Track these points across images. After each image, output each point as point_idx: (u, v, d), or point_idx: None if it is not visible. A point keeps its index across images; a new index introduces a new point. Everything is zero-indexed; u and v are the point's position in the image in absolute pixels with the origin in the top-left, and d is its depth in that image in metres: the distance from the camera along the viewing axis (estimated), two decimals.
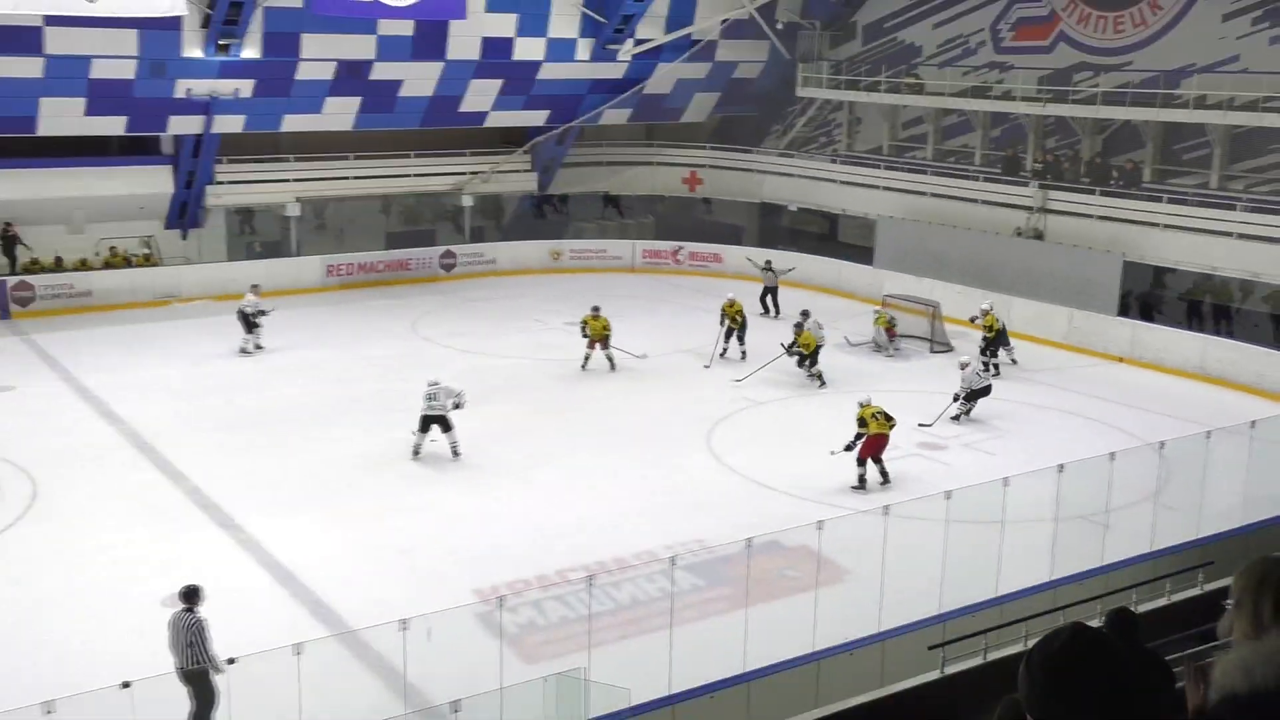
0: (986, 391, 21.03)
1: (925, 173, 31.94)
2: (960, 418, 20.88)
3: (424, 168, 33.97)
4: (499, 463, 18.71)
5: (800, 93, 34.99)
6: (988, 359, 23.05)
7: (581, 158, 36.41)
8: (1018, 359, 24.47)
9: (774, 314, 28.17)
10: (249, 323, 24.84)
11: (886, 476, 17.77)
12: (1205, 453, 16.09)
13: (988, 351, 23.47)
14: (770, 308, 28.60)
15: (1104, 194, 27.64)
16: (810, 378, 22.94)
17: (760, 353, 23.77)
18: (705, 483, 17.98)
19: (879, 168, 33.07)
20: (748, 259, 31.18)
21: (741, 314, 24.52)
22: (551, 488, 17.69)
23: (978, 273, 28.03)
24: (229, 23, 27.18)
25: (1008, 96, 30.17)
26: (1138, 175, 27.71)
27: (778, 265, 29.76)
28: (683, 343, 25.17)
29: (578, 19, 31.81)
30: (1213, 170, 26.72)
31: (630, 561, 14.79)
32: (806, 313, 24.26)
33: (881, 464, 17.80)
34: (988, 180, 30.30)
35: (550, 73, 32.25)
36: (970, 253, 28.69)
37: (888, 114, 33.97)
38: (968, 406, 20.91)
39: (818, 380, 22.86)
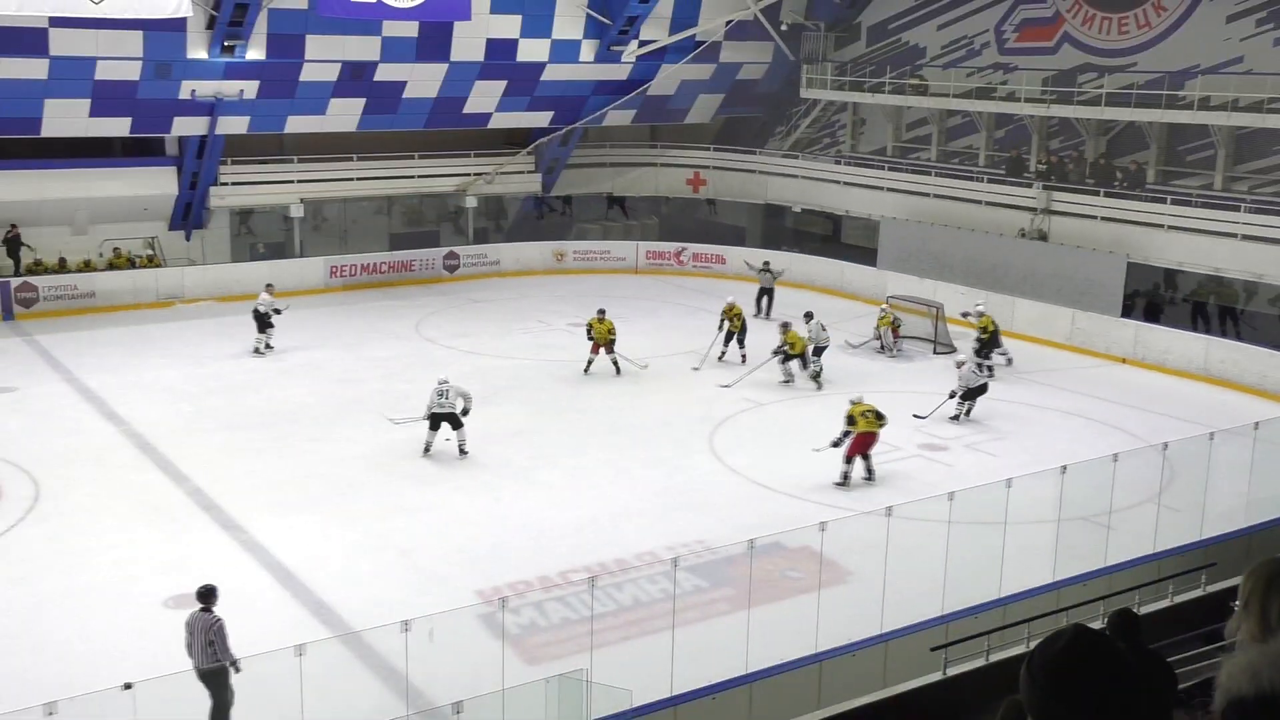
0: (983, 390, 21.06)
1: (929, 174, 31.90)
2: (960, 417, 20.89)
3: (428, 169, 33.97)
4: (502, 463, 18.71)
5: (804, 94, 34.96)
6: (981, 360, 23.02)
7: (585, 159, 36.40)
8: (1012, 359, 24.47)
9: (765, 315, 28.09)
10: (263, 322, 24.89)
11: (871, 474, 17.89)
12: (1208, 454, 16.08)
13: (982, 353, 23.45)
14: (763, 309, 28.57)
15: (1108, 195, 27.59)
16: (811, 378, 22.91)
17: (757, 356, 23.74)
18: (707, 484, 17.97)
19: (883, 169, 33.03)
20: (746, 262, 31.13)
21: (741, 317, 24.51)
22: (554, 488, 17.69)
23: (981, 274, 28.02)
24: (234, 24, 27.20)
25: (1012, 98, 30.12)
26: (1142, 176, 27.66)
27: (775, 266, 29.76)
28: (686, 344, 25.15)
29: (582, 20, 31.82)
30: (1217, 171, 26.68)
31: (632, 562, 14.78)
32: (810, 314, 24.26)
33: (869, 461, 17.90)
34: (992, 181, 30.25)
35: (554, 74, 32.26)
36: (974, 254, 28.66)
37: (892, 115, 33.95)
38: (966, 405, 20.94)
39: (814, 381, 22.85)
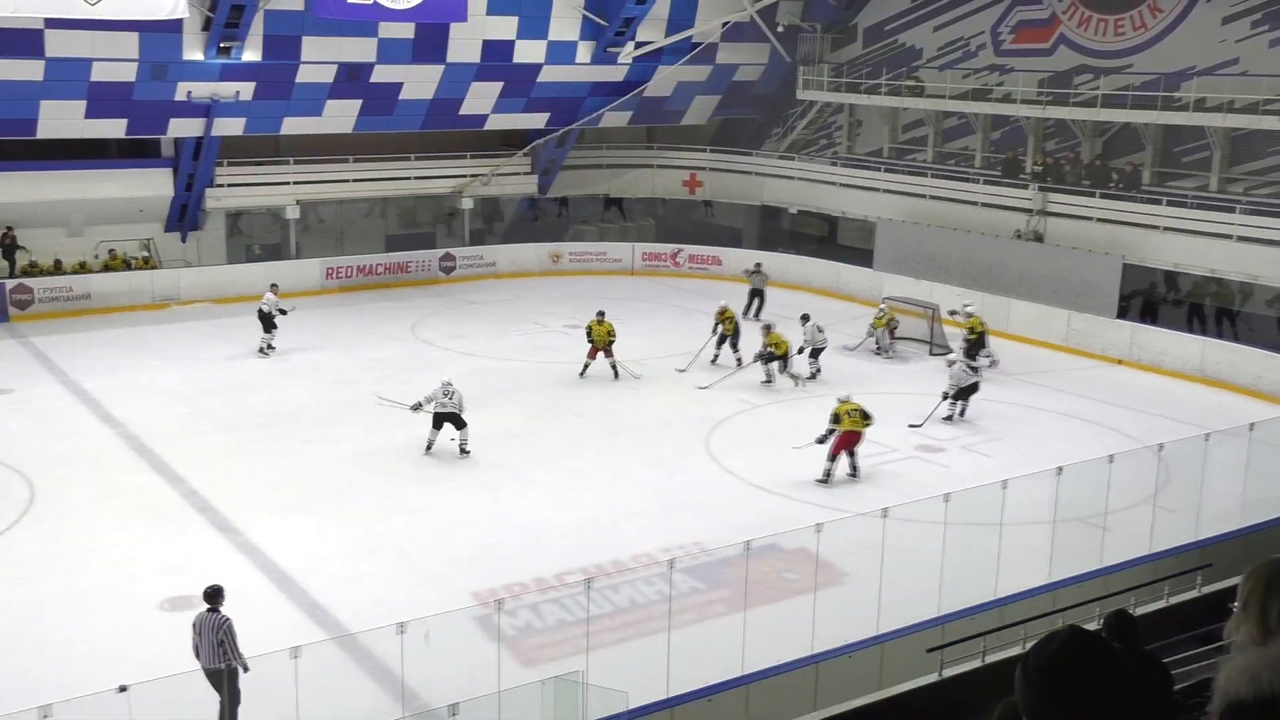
0: (975, 389, 21.12)
1: (925, 175, 31.92)
2: (953, 418, 20.93)
3: (424, 170, 33.94)
4: (498, 465, 18.70)
5: (801, 95, 34.99)
6: (968, 361, 22.99)
7: (582, 160, 36.40)
8: (997, 361, 24.36)
9: (755, 316, 28.03)
10: (268, 322, 24.88)
11: (856, 470, 18.07)
12: (1204, 455, 16.10)
13: (969, 354, 23.45)
14: (753, 310, 28.54)
15: (1104, 196, 27.62)
16: (790, 378, 22.89)
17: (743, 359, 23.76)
18: (704, 485, 17.97)
19: (879, 170, 33.06)
20: (745, 271, 30.79)
21: (734, 320, 24.53)
22: (550, 490, 17.67)
23: (977, 275, 28.03)
24: (230, 25, 27.19)
25: (1008, 99, 30.15)
26: (1138, 178, 27.70)
27: (767, 268, 29.71)
28: (682, 345, 25.11)
29: (578, 22, 31.82)
30: (1212, 173, 26.71)
31: (628, 564, 14.78)
32: (806, 316, 24.26)
33: (854, 458, 18.06)
34: (988, 183, 30.28)
35: (551, 75, 32.26)
36: (970, 255, 28.68)
37: (888, 116, 33.97)
38: (959, 405, 21.00)
39: (792, 380, 22.83)
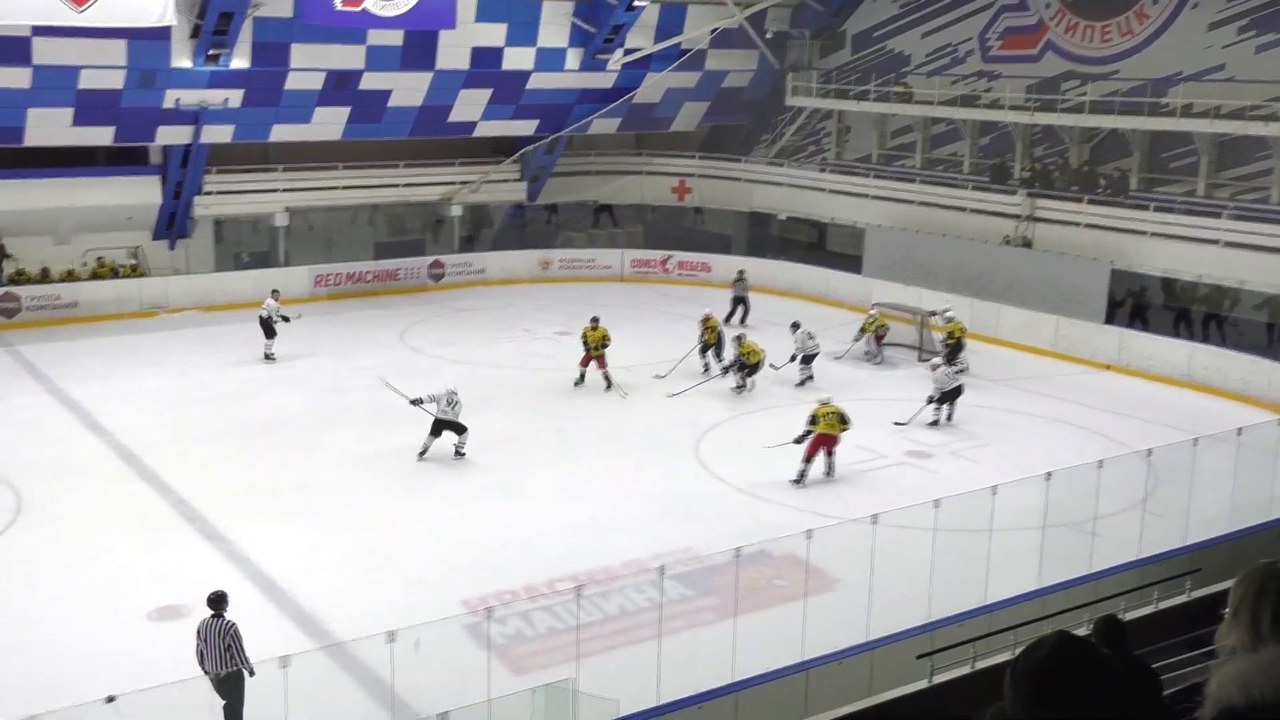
0: (959, 392, 21.23)
1: (914, 181, 31.98)
2: (939, 422, 21.02)
3: (413, 177, 33.89)
4: (487, 472, 18.67)
5: (789, 102, 35.05)
6: (950, 366, 23.05)
7: (571, 167, 36.38)
8: (967, 369, 24.22)
9: (740, 322, 28.05)
10: (269, 328, 24.83)
11: (831, 471, 18.24)
12: (1192, 460, 16.15)
13: (949, 359, 23.49)
14: (735, 317, 28.51)
15: (1092, 202, 27.71)
16: (738, 387, 22.91)
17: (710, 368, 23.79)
18: (693, 492, 17.95)
19: (868, 176, 33.11)
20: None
21: (717, 329, 24.54)
22: (540, 497, 17.64)
23: (966, 281, 28.09)
24: (218, 33, 27.10)
25: (996, 105, 30.23)
26: (1125, 183, 27.79)
27: (750, 275, 29.76)
28: (671, 352, 25.08)
29: (567, 29, 31.83)
30: (1199, 178, 26.80)
31: (618, 571, 14.76)
32: (797, 324, 24.28)
33: (830, 460, 18.22)
34: (976, 188, 30.35)
35: (540, 82, 32.25)
36: (959, 261, 28.74)
37: (876, 123, 34.04)
38: (944, 409, 21.11)
39: (743, 387, 22.83)
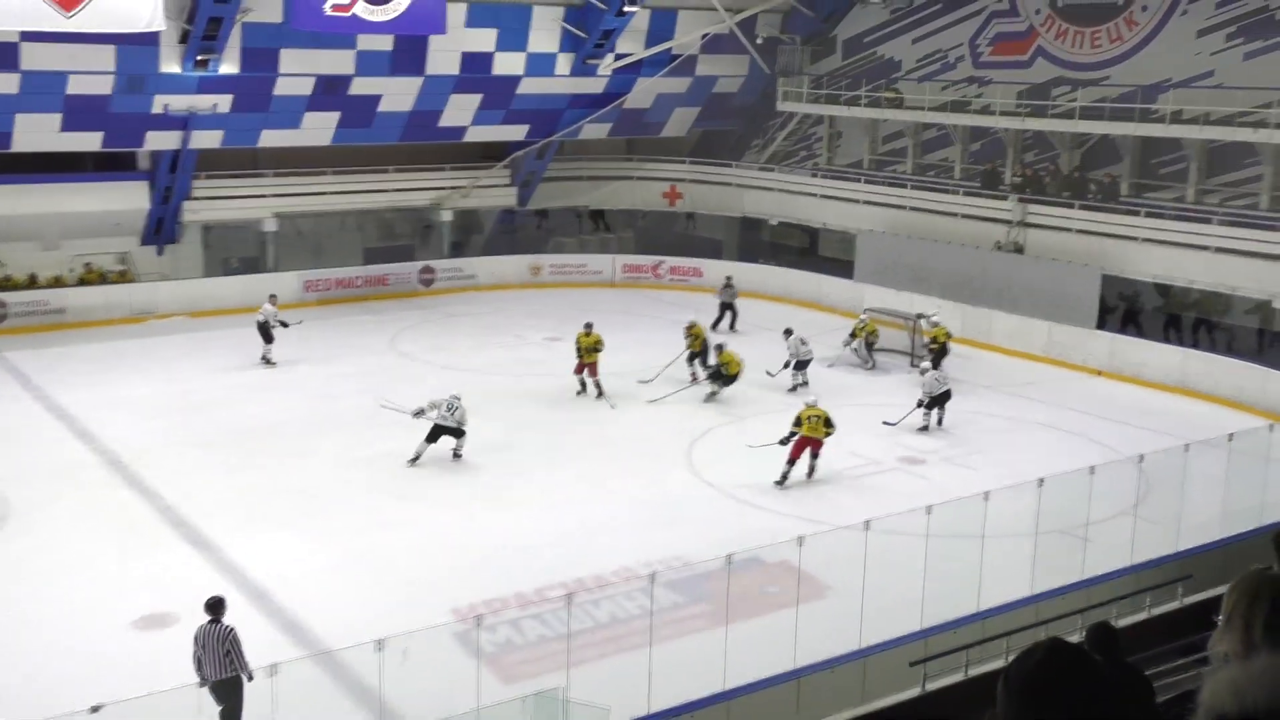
0: (948, 396, 21.30)
1: (905, 187, 32.00)
2: (928, 427, 21.07)
3: (403, 183, 33.83)
4: (477, 479, 18.60)
5: (780, 107, 35.06)
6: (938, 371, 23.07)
7: (561, 172, 36.36)
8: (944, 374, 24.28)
9: (730, 329, 28.03)
10: (267, 334, 24.75)
11: (813, 472, 18.37)
12: (1184, 466, 16.13)
13: (935, 363, 23.48)
14: (722, 323, 28.48)
15: (1083, 208, 27.74)
16: (709, 395, 22.88)
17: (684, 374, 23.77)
18: (685, 498, 17.90)
19: (859, 182, 33.13)
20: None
21: (701, 337, 24.52)
22: (530, 504, 17.57)
23: (957, 286, 28.11)
24: (207, 38, 27.02)
25: (987, 111, 30.28)
26: (1116, 189, 27.83)
27: (738, 281, 29.78)
28: (662, 358, 25.06)
29: (558, 34, 31.81)
30: (1189, 184, 26.87)
31: (609, 579, 14.69)
32: (789, 330, 24.26)
33: (814, 462, 18.35)
34: (967, 194, 30.37)
35: (530, 87, 32.22)
36: (950, 266, 28.76)
37: (868, 128, 34.07)
38: (934, 413, 21.18)
39: (714, 394, 22.80)
